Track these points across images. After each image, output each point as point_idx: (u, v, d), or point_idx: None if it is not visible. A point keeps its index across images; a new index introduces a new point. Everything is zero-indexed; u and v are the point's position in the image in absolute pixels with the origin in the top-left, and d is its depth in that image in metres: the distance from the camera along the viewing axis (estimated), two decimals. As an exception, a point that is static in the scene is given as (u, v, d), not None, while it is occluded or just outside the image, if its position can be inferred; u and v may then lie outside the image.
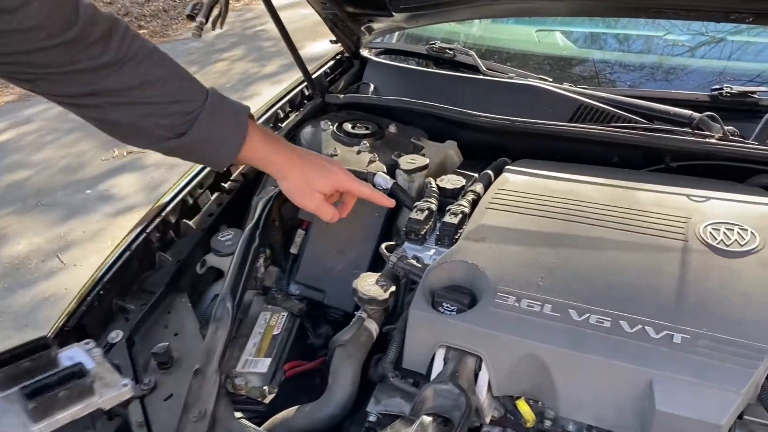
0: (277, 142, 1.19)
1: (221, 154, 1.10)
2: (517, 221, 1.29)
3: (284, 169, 1.20)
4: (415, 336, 1.17)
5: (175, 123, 1.03)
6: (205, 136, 1.05)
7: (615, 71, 1.83)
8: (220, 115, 1.07)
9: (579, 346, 1.05)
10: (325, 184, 1.23)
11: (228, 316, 1.25)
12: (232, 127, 1.09)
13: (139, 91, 0.99)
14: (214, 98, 1.07)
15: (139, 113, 1.01)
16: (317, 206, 1.24)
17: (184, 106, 1.03)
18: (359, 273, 1.45)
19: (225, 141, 1.09)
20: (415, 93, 1.83)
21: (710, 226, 1.21)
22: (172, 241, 1.48)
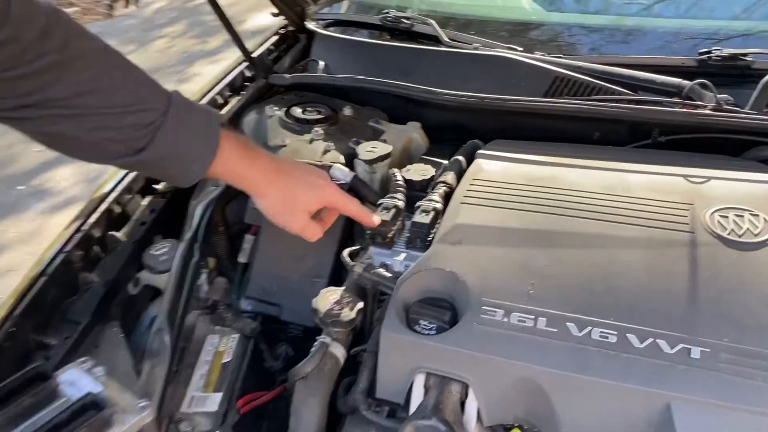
0: (254, 154, 1.01)
1: (188, 171, 0.91)
2: (497, 217, 1.12)
3: (262, 186, 1.02)
4: (390, 361, 1.00)
5: (132, 136, 0.85)
6: (169, 152, 0.87)
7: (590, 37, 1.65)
8: (186, 125, 0.89)
9: (582, 367, 0.89)
10: (311, 201, 1.06)
11: (166, 350, 1.06)
12: (200, 139, 0.91)
13: (86, 100, 0.81)
14: (178, 105, 0.88)
15: (88, 126, 0.83)
16: (302, 227, 1.07)
17: (141, 116, 0.85)
18: (320, 282, 1.28)
19: (193, 156, 0.90)
20: (370, 69, 1.63)
21: (717, 213, 1.06)
22: (97, 258, 1.27)
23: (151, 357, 1.04)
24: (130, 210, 1.36)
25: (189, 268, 1.17)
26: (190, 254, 1.19)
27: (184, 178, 0.92)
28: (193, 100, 0.92)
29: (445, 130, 1.58)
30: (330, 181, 1.10)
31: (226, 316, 1.24)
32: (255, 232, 1.37)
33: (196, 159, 0.90)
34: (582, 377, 0.89)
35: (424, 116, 1.57)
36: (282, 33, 1.87)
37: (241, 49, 1.60)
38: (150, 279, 1.28)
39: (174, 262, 1.18)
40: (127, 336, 1.19)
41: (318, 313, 1.05)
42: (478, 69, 1.52)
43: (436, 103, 1.49)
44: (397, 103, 1.60)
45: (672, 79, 1.35)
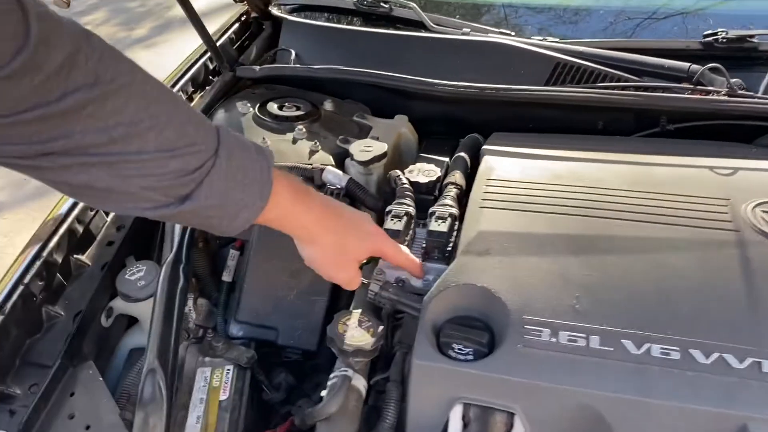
0: (307, 197, 0.87)
1: (234, 220, 0.76)
2: (523, 222, 1.02)
3: (315, 233, 0.89)
4: (423, 392, 0.89)
5: (176, 184, 0.69)
6: (217, 200, 0.72)
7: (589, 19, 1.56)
8: (238, 167, 0.73)
9: (646, 390, 0.81)
10: (363, 250, 0.95)
11: (161, 395, 0.91)
12: (252, 183, 0.75)
13: (123, 146, 0.64)
14: (227, 144, 0.72)
15: (123, 175, 0.66)
16: (351, 277, 0.96)
17: (189, 160, 0.68)
18: (319, 301, 1.15)
19: (242, 204, 0.75)
20: (347, 59, 1.49)
21: (759, 208, 0.99)
22: (61, 287, 1.10)
23: (144, 405, 0.89)
24: (94, 228, 1.19)
25: (175, 295, 1.02)
26: (175, 278, 1.04)
27: (227, 228, 0.76)
28: (238, 134, 0.77)
29: (434, 123, 1.47)
30: (378, 227, 0.98)
31: (216, 346, 1.09)
32: (240, 247, 1.22)
33: (246, 207, 0.75)
34: (647, 401, 0.80)
35: (411, 109, 1.45)
36: (244, 20, 1.70)
37: (204, 37, 1.43)
38: (125, 308, 1.12)
39: (158, 288, 1.02)
40: (102, 376, 1.03)
41: (337, 342, 0.92)
42: (471, 57, 1.41)
43: (428, 95, 1.38)
44: (381, 95, 1.48)
45: (682, 63, 1.28)
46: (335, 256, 0.92)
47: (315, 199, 0.88)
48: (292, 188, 0.83)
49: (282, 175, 0.81)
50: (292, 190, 0.82)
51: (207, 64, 1.55)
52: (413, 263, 1.01)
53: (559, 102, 1.28)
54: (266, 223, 0.82)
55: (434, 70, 1.40)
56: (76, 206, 1.16)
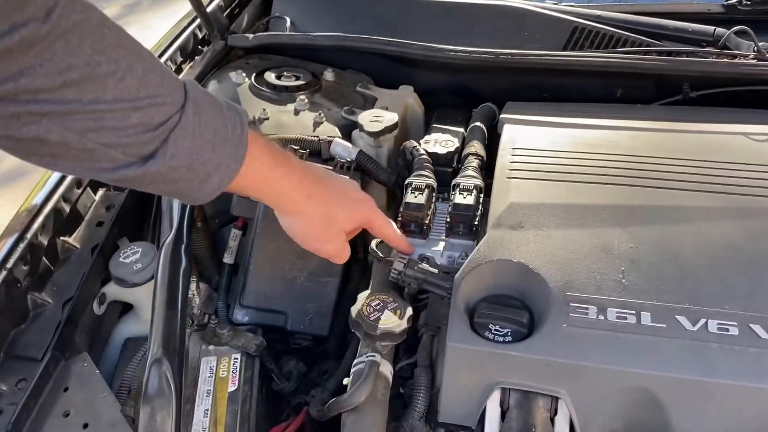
0: (287, 162, 0.78)
1: (205, 185, 0.67)
2: (556, 192, 0.95)
3: (297, 202, 0.80)
4: (458, 378, 0.82)
5: (138, 141, 0.61)
6: (184, 160, 0.64)
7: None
8: (207, 124, 0.65)
9: (705, 368, 0.75)
10: (350, 219, 0.86)
11: (169, 388, 0.81)
12: (224, 142, 0.67)
13: (79, 91, 0.56)
14: (195, 98, 0.64)
15: (78, 127, 0.57)
16: (339, 249, 0.87)
17: (152, 113, 0.60)
18: (331, 282, 1.06)
19: (213, 165, 0.66)
20: (346, 26, 1.40)
21: (807, 175, 0.93)
22: (47, 272, 0.99)
23: (150, 399, 0.80)
24: (82, 208, 1.08)
25: (179, 278, 0.92)
26: (177, 261, 0.94)
27: (197, 194, 0.68)
28: (207, 90, 0.68)
29: (440, 95, 1.38)
30: (365, 195, 0.90)
31: (221, 333, 1.00)
32: (242, 227, 1.13)
33: (218, 169, 0.67)
34: (707, 380, 0.74)
35: (416, 79, 1.36)
36: (231, -13, 1.59)
37: (194, 2, 1.32)
38: (120, 294, 1.02)
39: (158, 271, 0.92)
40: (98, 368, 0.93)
41: (363, 326, 0.84)
42: (483, 22, 1.33)
43: (435, 63, 1.29)
44: (383, 65, 1.39)
45: (706, 27, 1.21)
46: (321, 227, 0.83)
47: (295, 164, 0.79)
48: (270, 151, 0.74)
49: (258, 136, 0.73)
50: (270, 153, 0.74)
51: (196, 32, 1.44)
52: (402, 238, 0.94)
53: (579, 67, 1.21)
54: (241, 190, 0.74)
55: (442, 37, 1.32)
56: (62, 183, 1.05)
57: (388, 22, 1.41)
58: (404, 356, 0.94)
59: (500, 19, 1.32)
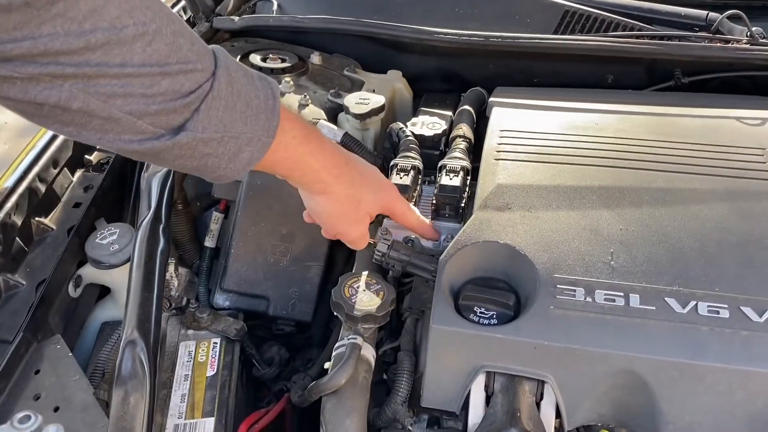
0: (319, 139, 0.74)
1: (235, 160, 0.63)
2: (545, 174, 0.92)
3: (327, 182, 0.76)
4: (441, 361, 0.79)
5: (167, 109, 0.57)
6: (215, 132, 0.60)
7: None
8: (238, 94, 0.61)
9: (695, 351, 0.73)
10: (376, 204, 0.83)
11: (143, 370, 0.79)
12: (257, 114, 0.63)
13: (104, 54, 0.52)
14: (226, 66, 0.61)
15: (103, 93, 0.53)
16: (362, 234, 0.85)
17: (182, 80, 0.57)
18: (314, 266, 1.04)
19: (245, 138, 0.63)
20: (334, 8, 1.38)
21: (798, 157, 0.92)
22: (22, 253, 0.96)
23: (123, 381, 0.77)
24: (59, 189, 1.05)
25: (156, 258, 0.90)
26: (155, 241, 0.91)
27: (225, 170, 0.64)
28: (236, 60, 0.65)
29: (429, 80, 1.36)
30: (389, 181, 0.87)
31: (200, 317, 0.97)
32: (224, 209, 1.10)
33: (249, 143, 0.63)
34: (697, 363, 0.72)
35: (405, 64, 1.34)
36: (218, -31, 1.56)
37: (179, -16, 1.30)
38: (97, 276, 0.99)
39: (135, 251, 0.90)
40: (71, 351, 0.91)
41: (344, 307, 0.81)
42: (472, 5, 1.31)
43: (425, 47, 1.27)
44: (372, 49, 1.36)
45: (699, 11, 1.19)
46: (348, 208, 0.80)
47: (325, 142, 0.76)
48: (301, 125, 0.71)
49: (288, 110, 0.69)
50: (301, 127, 0.70)
51: (181, 14, 1.41)
52: (426, 225, 0.91)
53: (570, 51, 1.19)
54: (269, 167, 0.70)
55: (431, 21, 1.29)
56: (37, 163, 1.02)
57: (377, 4, 1.38)
58: (388, 341, 0.92)
59: (490, 3, 1.30)
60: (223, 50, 0.63)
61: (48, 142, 1.05)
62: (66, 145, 1.08)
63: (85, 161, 1.12)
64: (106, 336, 0.97)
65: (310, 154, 0.72)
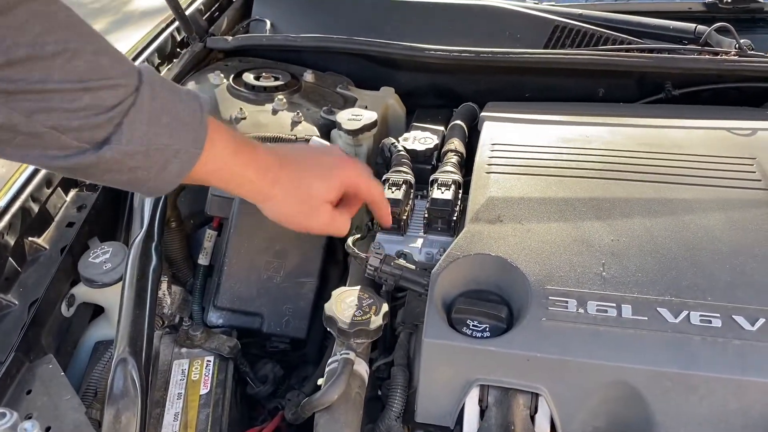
0: (250, 147, 0.75)
1: (163, 173, 0.64)
2: (536, 187, 0.93)
3: (264, 189, 0.76)
4: (435, 375, 0.79)
5: (90, 124, 0.58)
6: (141, 145, 0.61)
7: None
8: (164, 109, 0.63)
9: (688, 361, 0.73)
10: (329, 188, 0.81)
11: (135, 388, 0.78)
12: (182, 127, 0.64)
13: (26, 70, 0.54)
14: (151, 82, 0.62)
15: (25, 109, 0.55)
16: (327, 222, 0.83)
17: (104, 94, 0.58)
18: (308, 283, 1.04)
19: (172, 151, 0.64)
20: (327, 28, 1.39)
21: (788, 167, 0.92)
22: (15, 273, 0.96)
23: (115, 399, 0.77)
24: (52, 208, 1.05)
25: (148, 276, 0.90)
26: (147, 258, 0.91)
27: (156, 183, 0.65)
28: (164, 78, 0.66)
29: (422, 96, 1.37)
30: (346, 157, 0.85)
31: (194, 335, 0.97)
32: (218, 227, 1.10)
33: (177, 155, 0.64)
34: (690, 373, 0.72)
35: (398, 80, 1.35)
36: (212, -9, 1.58)
37: (172, 4, 1.31)
38: (89, 296, 0.99)
39: (127, 269, 0.90)
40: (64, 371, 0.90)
41: (337, 322, 0.81)
42: (463, 23, 1.32)
43: (417, 63, 1.28)
44: (364, 66, 1.37)
45: (687, 24, 1.21)
46: (297, 206, 0.80)
47: (259, 150, 0.76)
48: (232, 137, 0.72)
49: (219, 123, 0.70)
50: (231, 138, 0.71)
51: (174, 35, 1.43)
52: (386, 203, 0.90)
53: (560, 66, 1.20)
54: (204, 179, 0.70)
55: (423, 38, 1.31)
56: (30, 182, 1.02)
57: (369, 23, 1.40)
58: (381, 356, 0.91)
59: (481, 19, 1.32)
60: (151, 68, 0.65)
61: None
62: (59, 165, 1.08)
63: (78, 181, 1.12)
64: (100, 355, 0.97)
65: (243, 164, 0.73)
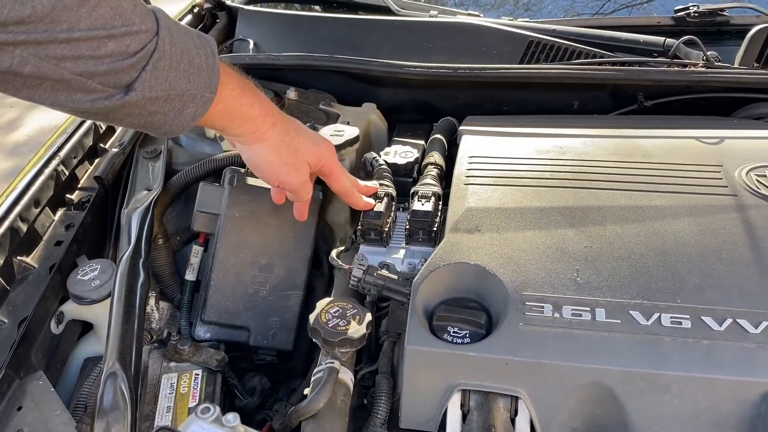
0: (255, 91, 0.80)
1: (180, 115, 0.68)
2: (512, 197, 0.96)
3: (262, 128, 0.81)
4: (417, 381, 0.81)
5: (115, 69, 0.61)
6: (162, 90, 0.64)
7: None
8: (181, 55, 0.66)
9: (659, 361, 0.75)
10: (314, 154, 0.86)
11: (124, 402, 0.80)
12: (198, 73, 0.68)
13: (52, 19, 0.56)
14: (168, 27, 0.65)
15: (53, 55, 0.57)
16: (304, 181, 0.87)
17: (128, 41, 0.61)
18: (294, 296, 1.06)
19: (189, 95, 0.67)
20: (310, 47, 1.43)
21: (753, 173, 0.96)
22: (4, 292, 0.98)
23: (105, 413, 0.78)
24: (40, 228, 1.07)
25: (136, 291, 0.91)
26: (135, 274, 0.93)
27: (171, 126, 0.68)
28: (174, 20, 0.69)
29: (403, 111, 1.40)
30: (332, 146, 0.89)
31: (182, 349, 0.99)
32: (204, 242, 1.12)
33: (193, 99, 0.67)
34: (662, 373, 0.75)
35: (379, 96, 1.38)
36: (196, 11, 1.61)
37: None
38: (78, 313, 1.00)
39: (116, 285, 0.91)
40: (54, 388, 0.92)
41: (321, 332, 0.83)
42: (441, 40, 1.36)
43: (397, 80, 1.31)
44: (347, 84, 1.40)
45: (656, 38, 1.25)
46: (286, 154, 0.83)
47: (260, 94, 0.81)
48: (238, 80, 0.76)
49: (226, 65, 0.74)
50: (238, 80, 0.76)
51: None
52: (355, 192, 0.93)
53: (535, 80, 1.23)
54: (210, 121, 0.74)
55: (402, 55, 1.34)
56: (18, 203, 1.04)
57: (350, 42, 1.43)
58: (366, 364, 0.93)
59: (458, 37, 1.35)
60: (162, 11, 0.67)
61: (29, 183, 1.08)
62: (47, 185, 1.10)
63: (66, 200, 1.14)
64: (89, 371, 0.98)
65: (248, 105, 0.77)
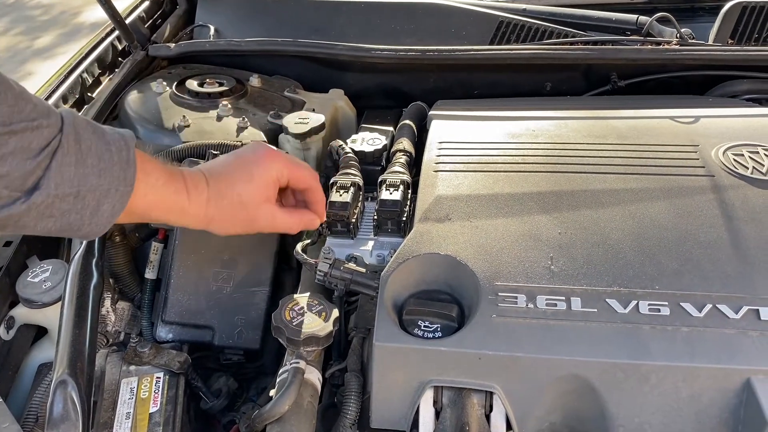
0: (178, 173, 0.73)
1: (97, 216, 0.63)
2: (483, 184, 0.92)
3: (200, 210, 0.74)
4: (387, 379, 0.78)
5: (19, 170, 0.57)
6: (72, 187, 0.60)
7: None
8: (88, 151, 0.62)
9: (638, 351, 0.73)
10: (259, 191, 0.78)
11: (75, 411, 0.75)
12: (110, 168, 0.63)
13: None
14: (73, 123, 0.61)
15: None
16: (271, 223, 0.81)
17: (29, 138, 0.57)
18: (260, 292, 1.02)
19: (102, 190, 0.62)
20: (272, 31, 1.37)
21: (729, 152, 0.93)
22: (-53, 297, 0.92)
23: (55, 424, 0.73)
24: (-13, 227, 1.01)
25: (88, 293, 0.86)
26: (87, 275, 0.88)
27: (89, 226, 0.63)
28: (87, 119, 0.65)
29: (371, 97, 1.36)
30: (272, 152, 0.82)
31: (142, 352, 0.94)
32: (163, 238, 1.07)
33: (107, 194, 0.62)
34: (641, 363, 0.72)
35: (347, 82, 1.34)
36: None
37: (111, 14, 1.27)
38: (30, 317, 0.95)
39: (66, 288, 0.86)
40: (5, 397, 0.86)
41: (285, 331, 0.79)
42: (408, 21, 1.32)
43: (365, 64, 1.27)
44: (312, 69, 1.36)
45: (629, 15, 1.22)
46: (235, 217, 0.78)
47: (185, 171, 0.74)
48: (162, 167, 0.71)
49: (148, 156, 0.70)
50: (162, 169, 0.70)
51: (115, 44, 1.39)
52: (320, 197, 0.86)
53: (506, 61, 1.19)
54: (142, 215, 0.69)
55: (369, 38, 1.29)
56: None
57: (314, 25, 1.38)
58: (335, 362, 0.90)
59: (426, 18, 1.31)
60: (72, 111, 0.63)
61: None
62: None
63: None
64: (42, 378, 0.93)
65: (175, 191, 0.71)
